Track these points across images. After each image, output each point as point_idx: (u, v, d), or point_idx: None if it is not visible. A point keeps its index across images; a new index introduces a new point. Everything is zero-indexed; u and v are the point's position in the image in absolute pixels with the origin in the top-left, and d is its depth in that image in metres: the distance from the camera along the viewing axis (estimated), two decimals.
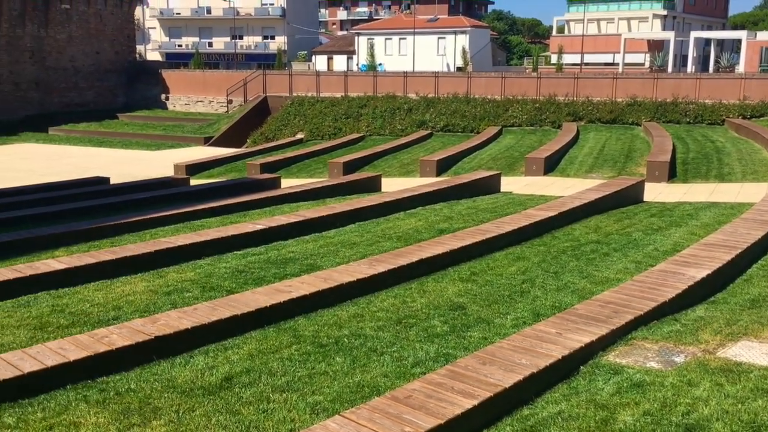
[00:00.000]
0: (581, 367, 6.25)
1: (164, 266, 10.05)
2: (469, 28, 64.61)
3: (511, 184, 19.45)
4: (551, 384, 5.91)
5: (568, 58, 63.13)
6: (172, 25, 76.31)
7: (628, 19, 71.68)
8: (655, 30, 68.62)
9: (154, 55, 73.76)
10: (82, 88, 47.16)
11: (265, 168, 25.56)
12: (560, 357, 6.00)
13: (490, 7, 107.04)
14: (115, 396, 5.91)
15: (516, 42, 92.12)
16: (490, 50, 68.97)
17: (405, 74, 39.41)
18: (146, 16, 75.12)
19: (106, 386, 6.09)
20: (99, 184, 20.86)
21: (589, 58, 63.81)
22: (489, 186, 17.51)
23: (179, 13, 75.57)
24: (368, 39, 66.11)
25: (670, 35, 62.42)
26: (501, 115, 33.51)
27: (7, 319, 7.84)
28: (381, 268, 9.13)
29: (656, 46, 65.40)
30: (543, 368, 5.78)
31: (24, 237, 11.54)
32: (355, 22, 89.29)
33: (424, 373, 6.18)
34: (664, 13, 69.84)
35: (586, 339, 6.42)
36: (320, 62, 69.78)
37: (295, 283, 8.56)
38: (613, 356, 6.49)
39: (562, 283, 9.18)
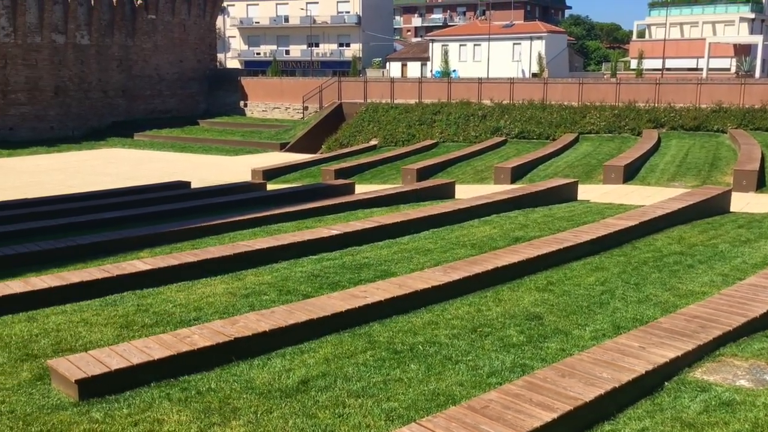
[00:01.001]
0: (666, 383, 6.03)
1: (242, 269, 10.28)
2: (545, 34, 63.65)
3: (588, 192, 19.01)
4: (634, 400, 5.72)
5: (648, 64, 61.28)
6: (251, 33, 78.25)
7: (713, 23, 69.06)
8: (742, 34, 65.84)
9: (233, 63, 75.83)
10: (165, 95, 48.90)
11: (340, 174, 25.82)
12: (644, 372, 5.80)
13: (567, 12, 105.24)
14: (196, 395, 6.06)
15: (594, 47, 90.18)
16: (567, 56, 67.75)
17: (480, 80, 39.13)
18: (227, 25, 77.28)
19: (188, 385, 6.26)
20: (181, 188, 21.55)
21: (670, 63, 61.77)
22: (565, 194, 17.16)
23: (258, 22, 77.46)
24: (442, 45, 66.00)
25: (758, 39, 59.70)
26: (578, 122, 32.82)
27: (96, 317, 8.17)
28: (455, 276, 9.07)
29: (743, 51, 62.71)
30: (625, 383, 5.60)
31: (111, 238, 12.03)
32: (429, 29, 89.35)
33: (501, 384, 6.09)
34: (752, 16, 66.97)
35: (671, 354, 6.19)
36: (394, 69, 70.13)
37: (369, 288, 8.60)
38: (700, 373, 6.24)
39: (643, 295, 8.89)
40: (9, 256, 10.74)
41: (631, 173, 22.33)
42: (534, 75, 58.35)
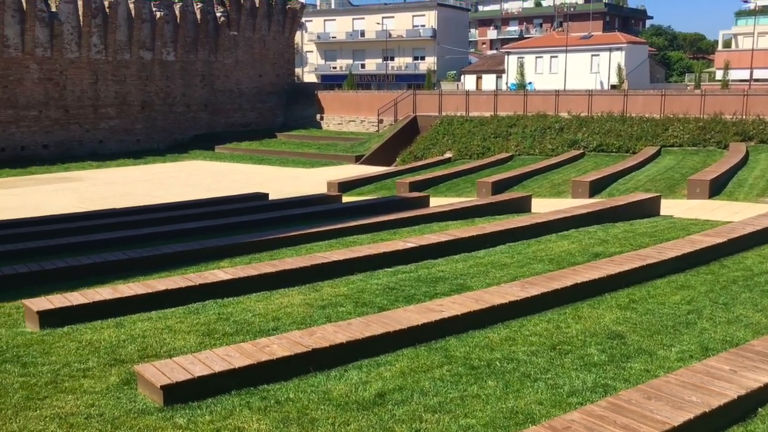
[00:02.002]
0: (759, 410, 5.73)
1: (319, 280, 10.39)
2: (624, 45, 62.17)
3: (671, 207, 18.38)
4: (725, 426, 5.46)
5: (734, 74, 58.96)
6: (328, 48, 79.66)
7: None
8: None
9: (310, 77, 77.29)
10: (245, 109, 50.27)
11: (414, 186, 25.84)
12: (736, 397, 5.53)
13: (648, 22, 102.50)
14: (275, 404, 6.15)
15: (676, 58, 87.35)
16: (648, 67, 65.92)
17: (557, 93, 38.55)
18: (305, 40, 78.91)
19: (267, 394, 6.35)
20: (259, 199, 22.03)
21: (759, 74, 59.24)
22: (647, 209, 16.65)
23: (335, 37, 78.79)
24: (518, 57, 65.37)
25: None
26: (660, 135, 31.86)
27: (179, 324, 8.42)
28: (533, 291, 8.91)
29: None
30: (716, 408, 5.36)
31: (193, 248, 12.40)
32: (505, 41, 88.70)
33: (582, 404, 5.93)
34: None
35: (765, 379, 5.88)
36: (469, 81, 69.88)
37: (445, 302, 8.55)
38: None
39: (733, 315, 8.50)
40: (98, 264, 11.23)
41: (717, 188, 21.48)
42: (613, 87, 57.03)
